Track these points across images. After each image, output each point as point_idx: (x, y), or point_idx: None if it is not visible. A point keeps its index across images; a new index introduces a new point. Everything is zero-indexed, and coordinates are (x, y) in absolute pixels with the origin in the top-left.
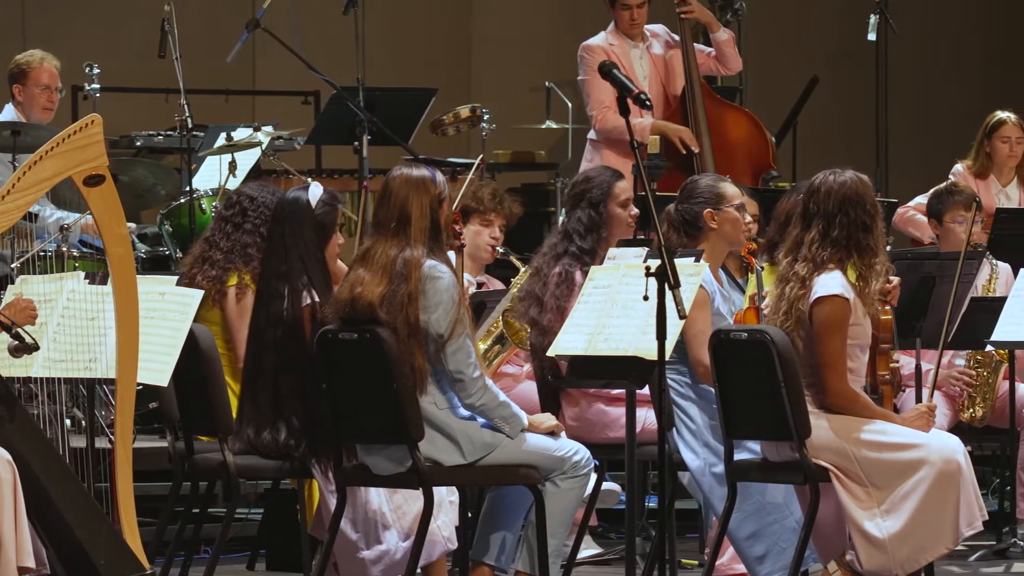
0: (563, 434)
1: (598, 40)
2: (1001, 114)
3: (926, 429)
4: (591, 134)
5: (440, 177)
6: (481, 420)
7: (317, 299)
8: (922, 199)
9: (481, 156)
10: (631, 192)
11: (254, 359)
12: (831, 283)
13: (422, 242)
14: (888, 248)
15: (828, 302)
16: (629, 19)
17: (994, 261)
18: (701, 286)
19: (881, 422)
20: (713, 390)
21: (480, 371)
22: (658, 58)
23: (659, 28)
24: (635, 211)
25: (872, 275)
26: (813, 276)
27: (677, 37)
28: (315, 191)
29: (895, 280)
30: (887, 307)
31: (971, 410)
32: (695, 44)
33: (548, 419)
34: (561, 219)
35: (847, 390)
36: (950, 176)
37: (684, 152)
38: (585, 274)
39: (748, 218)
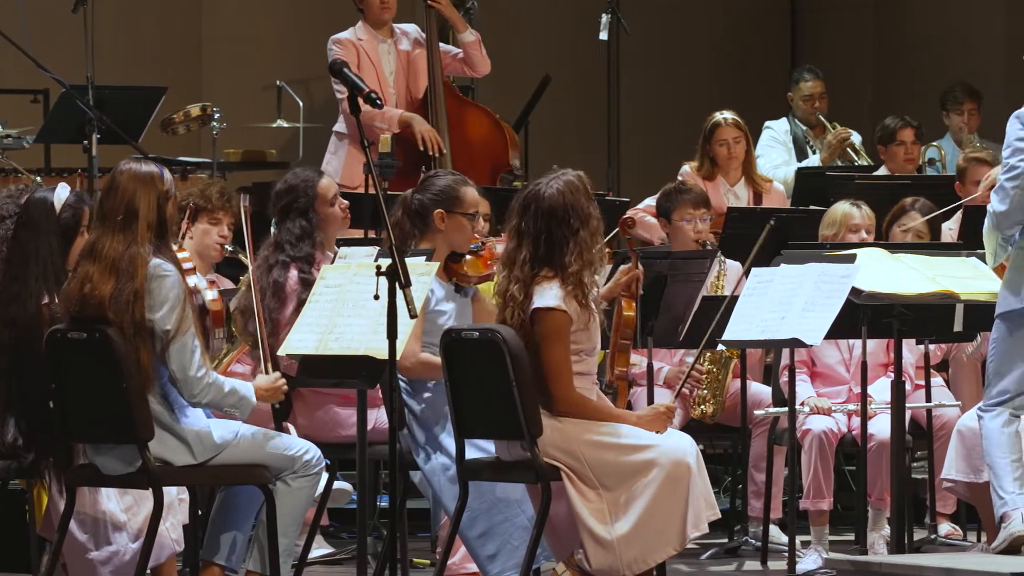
0: (294, 433)
1: (347, 34)
2: (718, 116)
3: (662, 430)
4: (337, 126)
5: (168, 175)
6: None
7: (55, 301)
8: (651, 201)
9: None
10: (335, 186)
11: None
12: (548, 295)
13: (148, 239)
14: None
15: (546, 314)
16: (380, 5)
17: (723, 259)
18: None
19: (614, 424)
20: (444, 389)
21: (205, 369)
22: (404, 55)
23: (410, 27)
24: (344, 203)
25: (581, 290)
26: (530, 287)
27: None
28: (60, 193)
29: (639, 270)
30: (632, 302)
31: (702, 407)
32: (441, 44)
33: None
34: (272, 231)
35: (574, 397)
36: (678, 178)
37: (421, 149)
38: (300, 272)
39: (481, 224)
